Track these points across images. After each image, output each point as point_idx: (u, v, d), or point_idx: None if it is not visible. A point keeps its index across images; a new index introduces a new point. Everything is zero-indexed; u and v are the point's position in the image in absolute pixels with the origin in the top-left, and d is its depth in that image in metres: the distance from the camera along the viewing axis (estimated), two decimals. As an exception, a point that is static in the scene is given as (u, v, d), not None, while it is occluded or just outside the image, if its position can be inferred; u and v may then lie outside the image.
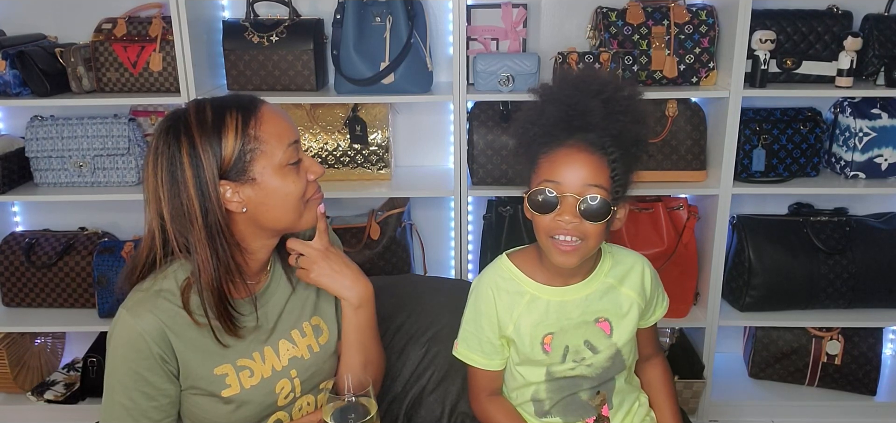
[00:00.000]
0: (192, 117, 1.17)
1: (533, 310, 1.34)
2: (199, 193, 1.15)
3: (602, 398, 1.38)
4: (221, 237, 1.18)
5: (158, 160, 1.17)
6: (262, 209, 1.21)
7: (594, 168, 1.22)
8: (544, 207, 1.24)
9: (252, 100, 1.22)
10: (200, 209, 1.16)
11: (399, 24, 2.07)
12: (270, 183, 1.20)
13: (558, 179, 1.23)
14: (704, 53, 2.11)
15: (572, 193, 1.22)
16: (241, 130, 1.17)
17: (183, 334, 1.20)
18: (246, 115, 1.18)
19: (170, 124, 1.18)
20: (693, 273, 2.27)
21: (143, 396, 1.18)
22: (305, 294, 1.37)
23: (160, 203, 1.17)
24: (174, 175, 1.16)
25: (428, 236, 2.44)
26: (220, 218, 1.18)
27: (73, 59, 2.15)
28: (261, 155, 1.18)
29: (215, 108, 1.18)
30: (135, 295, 1.21)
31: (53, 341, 2.60)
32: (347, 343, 1.37)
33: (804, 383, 2.41)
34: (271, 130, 1.20)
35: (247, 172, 1.18)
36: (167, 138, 1.17)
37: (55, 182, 2.23)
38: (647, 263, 1.43)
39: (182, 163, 1.15)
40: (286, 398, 1.32)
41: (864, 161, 2.16)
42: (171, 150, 1.16)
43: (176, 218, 1.17)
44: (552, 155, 1.25)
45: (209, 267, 1.18)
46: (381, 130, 2.24)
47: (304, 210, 1.25)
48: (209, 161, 1.15)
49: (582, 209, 1.22)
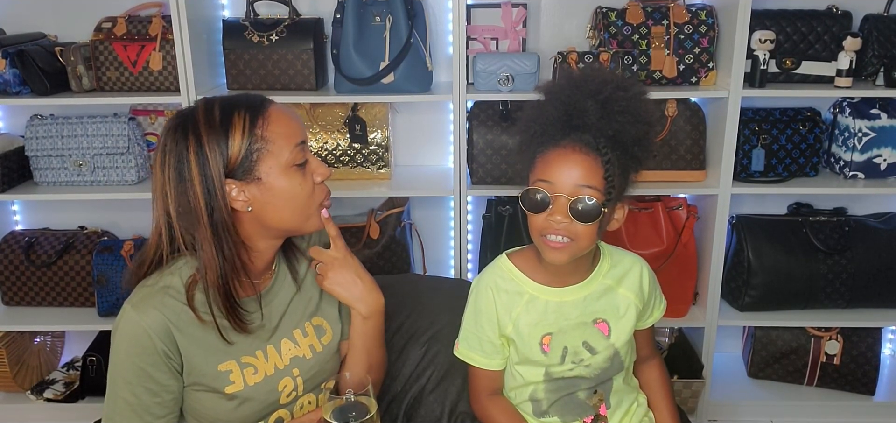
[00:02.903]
0: (200, 116, 1.18)
1: (531, 310, 1.34)
2: (205, 191, 1.16)
3: (599, 397, 1.38)
4: (227, 236, 1.19)
5: (166, 158, 1.17)
6: (267, 209, 1.21)
7: (587, 169, 1.21)
8: (537, 207, 1.24)
9: (261, 100, 1.23)
10: (206, 207, 1.16)
11: (399, 23, 2.07)
12: (276, 183, 1.20)
13: (551, 179, 1.23)
14: (704, 53, 2.11)
15: (564, 194, 1.21)
16: (248, 129, 1.17)
17: (187, 330, 1.20)
18: (254, 114, 1.19)
19: (178, 122, 1.19)
20: (692, 273, 2.27)
21: (147, 392, 1.19)
22: (308, 295, 1.37)
23: (167, 200, 1.18)
24: (181, 173, 1.16)
25: (427, 235, 2.44)
26: (226, 216, 1.18)
27: (73, 59, 2.15)
28: (267, 155, 1.19)
29: (224, 106, 1.19)
30: (140, 291, 1.21)
31: (53, 339, 2.60)
32: (353, 349, 1.38)
33: (803, 382, 2.41)
34: (279, 130, 1.20)
35: (252, 172, 1.18)
36: (175, 136, 1.17)
37: (55, 181, 2.23)
38: (645, 264, 1.43)
39: (189, 161, 1.16)
40: (289, 396, 1.32)
41: (864, 161, 2.16)
42: (179, 147, 1.16)
43: (182, 215, 1.18)
44: (547, 155, 1.25)
45: (215, 265, 1.19)
46: (381, 130, 2.24)
47: (311, 212, 1.26)
48: (215, 159, 1.16)
49: (573, 210, 1.21)
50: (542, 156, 1.25)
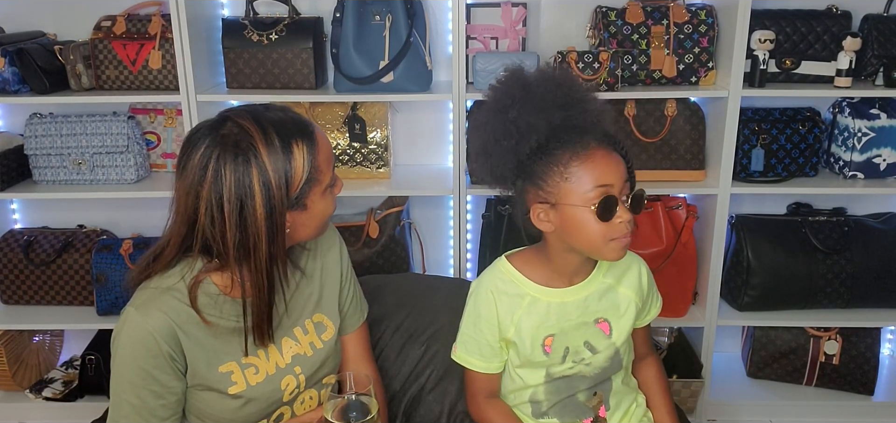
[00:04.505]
0: (259, 143, 1.13)
1: (533, 312, 1.34)
2: (268, 224, 1.14)
3: (599, 399, 1.38)
4: (279, 262, 1.19)
5: (224, 184, 1.12)
6: (300, 229, 1.24)
7: (620, 161, 1.25)
8: (610, 213, 1.23)
9: (306, 123, 1.21)
10: (267, 238, 1.15)
11: (399, 22, 2.07)
12: (317, 207, 1.22)
13: (611, 182, 1.22)
14: (704, 53, 2.11)
15: (625, 192, 1.24)
16: (306, 159, 1.17)
17: (191, 331, 1.20)
18: (309, 143, 1.18)
19: (233, 144, 1.13)
20: (692, 273, 2.27)
21: (152, 394, 1.19)
22: (308, 291, 1.37)
23: (212, 223, 1.13)
24: (243, 203, 1.12)
25: (427, 234, 2.44)
26: (282, 246, 1.18)
27: (73, 57, 2.14)
28: (316, 184, 1.20)
29: (280, 133, 1.15)
30: (142, 294, 1.20)
31: (52, 338, 2.60)
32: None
33: (802, 382, 2.41)
34: (324, 157, 1.21)
35: (303, 200, 1.19)
36: (235, 163, 1.12)
37: (54, 180, 2.23)
38: (643, 262, 1.44)
39: (252, 192, 1.12)
40: (291, 394, 1.33)
41: (863, 161, 2.16)
42: (238, 174, 1.12)
43: (240, 245, 1.14)
44: (588, 160, 1.22)
45: (263, 293, 1.19)
46: (381, 129, 2.24)
47: (326, 223, 1.29)
48: (281, 192, 1.14)
49: (635, 203, 1.24)
50: (583, 162, 1.22)
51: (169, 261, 1.21)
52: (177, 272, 1.21)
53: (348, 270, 1.46)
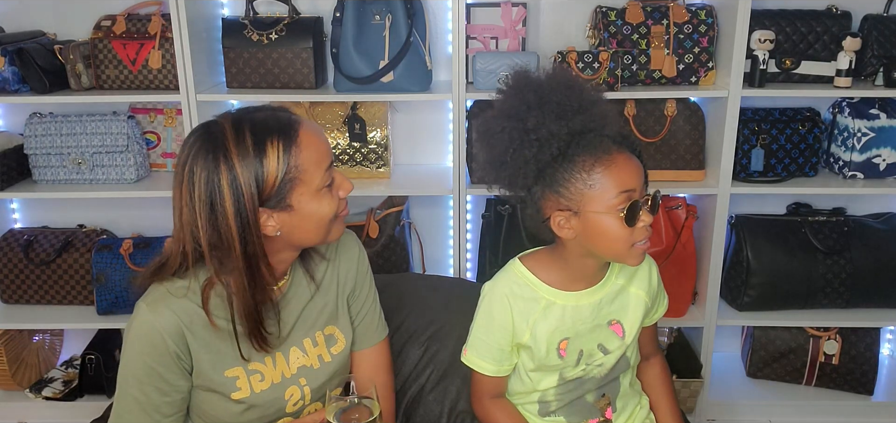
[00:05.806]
0: (230, 140, 1.13)
1: (549, 316, 1.32)
2: (238, 223, 1.13)
3: (607, 401, 1.38)
4: (257, 264, 1.17)
5: (194, 182, 1.13)
6: (295, 231, 1.20)
7: (639, 165, 1.24)
8: (635, 217, 1.22)
9: (290, 123, 1.18)
10: (239, 239, 1.14)
11: (398, 22, 2.07)
12: (306, 208, 1.19)
13: (634, 187, 1.21)
14: (703, 53, 2.11)
15: (644, 196, 1.24)
16: (281, 158, 1.14)
17: (199, 333, 1.20)
18: (287, 142, 1.15)
19: (205, 144, 1.14)
20: (691, 273, 2.27)
21: (157, 391, 1.19)
22: (323, 301, 1.35)
23: (194, 226, 1.14)
24: (213, 202, 1.12)
25: (426, 234, 2.44)
26: (258, 247, 1.16)
27: (72, 57, 2.14)
28: (300, 183, 1.17)
29: (254, 131, 1.14)
30: (155, 291, 1.20)
31: (52, 338, 2.60)
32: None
33: (802, 382, 2.42)
34: (310, 156, 1.17)
35: (285, 200, 1.17)
36: (204, 161, 1.12)
37: (54, 179, 2.23)
38: (652, 261, 1.43)
39: (221, 190, 1.12)
40: (295, 405, 1.32)
41: (863, 161, 2.16)
42: (209, 174, 1.12)
43: (214, 245, 1.15)
44: (612, 166, 1.20)
45: (246, 295, 1.18)
46: (380, 129, 2.24)
47: (332, 226, 1.25)
48: (250, 191, 1.13)
49: (654, 206, 1.24)
50: (607, 168, 1.20)
51: (176, 266, 1.20)
52: (191, 273, 1.21)
53: (364, 280, 1.42)
